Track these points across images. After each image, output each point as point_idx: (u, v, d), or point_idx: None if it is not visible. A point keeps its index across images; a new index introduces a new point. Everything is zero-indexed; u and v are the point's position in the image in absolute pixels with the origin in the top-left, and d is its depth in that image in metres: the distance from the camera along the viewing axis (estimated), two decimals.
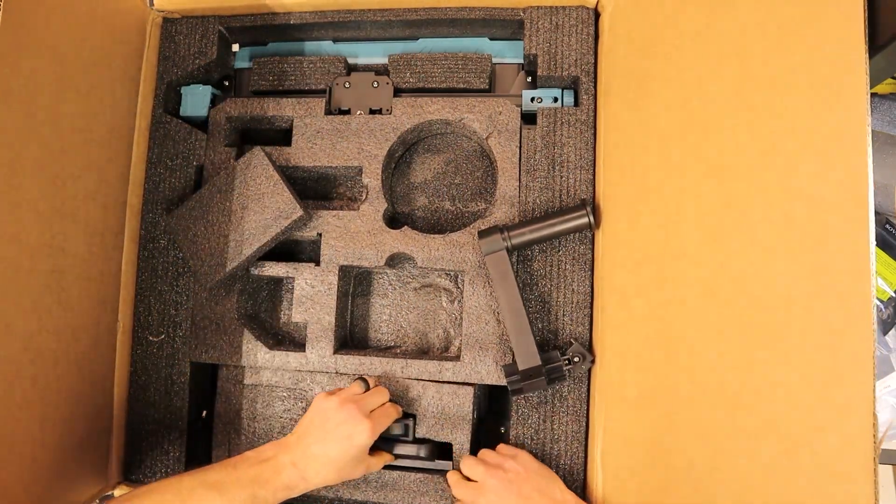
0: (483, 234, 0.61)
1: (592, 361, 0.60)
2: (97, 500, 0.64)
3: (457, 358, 0.65)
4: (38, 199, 0.58)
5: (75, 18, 0.61)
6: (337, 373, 0.65)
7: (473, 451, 0.62)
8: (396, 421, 0.61)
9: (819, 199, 0.42)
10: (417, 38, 0.73)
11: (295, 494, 0.54)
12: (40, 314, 0.58)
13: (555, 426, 0.61)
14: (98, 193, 0.65)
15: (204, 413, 0.70)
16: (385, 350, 0.70)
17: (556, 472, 0.60)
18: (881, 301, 0.60)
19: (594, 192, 0.64)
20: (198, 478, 0.51)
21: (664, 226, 0.53)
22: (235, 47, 0.76)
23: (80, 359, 0.63)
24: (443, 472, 0.62)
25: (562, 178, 0.64)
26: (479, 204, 0.71)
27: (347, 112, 0.70)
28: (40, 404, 0.58)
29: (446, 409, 0.63)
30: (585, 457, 0.61)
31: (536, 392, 0.62)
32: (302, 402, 0.66)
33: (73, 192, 0.61)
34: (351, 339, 0.71)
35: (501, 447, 0.61)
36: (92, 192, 0.64)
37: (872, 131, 0.52)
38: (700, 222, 0.49)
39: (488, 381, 0.63)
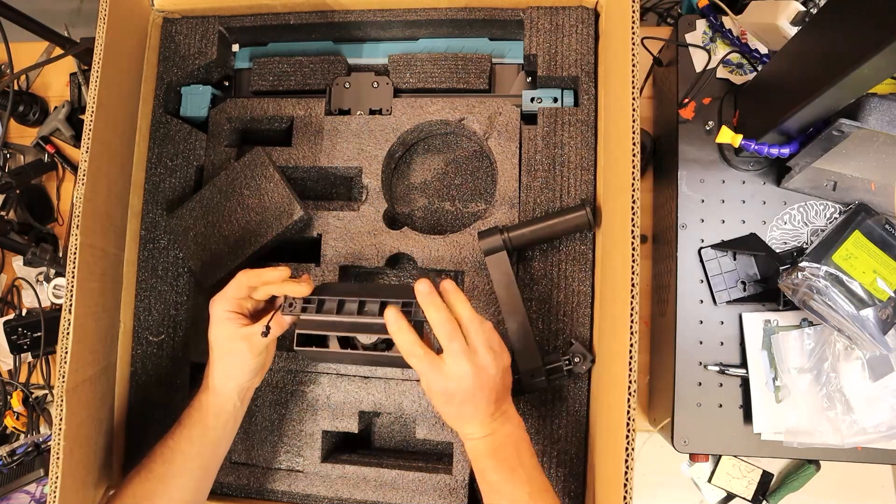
0: (483, 234, 0.61)
1: (593, 361, 0.60)
2: (106, 500, 0.64)
3: None
4: (103, 204, 0.61)
5: (123, 24, 0.64)
6: (338, 374, 0.65)
7: None
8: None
9: None
10: (417, 39, 0.73)
11: (211, 395, 0.56)
12: (96, 316, 0.61)
13: (555, 426, 0.61)
14: (122, 195, 0.67)
15: None
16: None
17: (557, 472, 0.60)
18: (881, 301, 0.60)
19: (594, 191, 0.64)
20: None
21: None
22: (235, 47, 0.76)
23: (106, 360, 0.64)
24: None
25: (562, 178, 0.64)
26: (479, 204, 0.71)
27: (347, 112, 0.70)
28: (93, 405, 0.60)
29: None
30: (585, 457, 0.61)
31: (537, 392, 0.62)
32: (302, 402, 0.66)
33: (113, 194, 0.64)
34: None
35: (469, 315, 0.50)
36: (119, 193, 0.66)
37: (873, 131, 0.52)
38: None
39: None
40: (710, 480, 0.79)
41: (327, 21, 0.71)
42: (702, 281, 0.67)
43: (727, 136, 0.61)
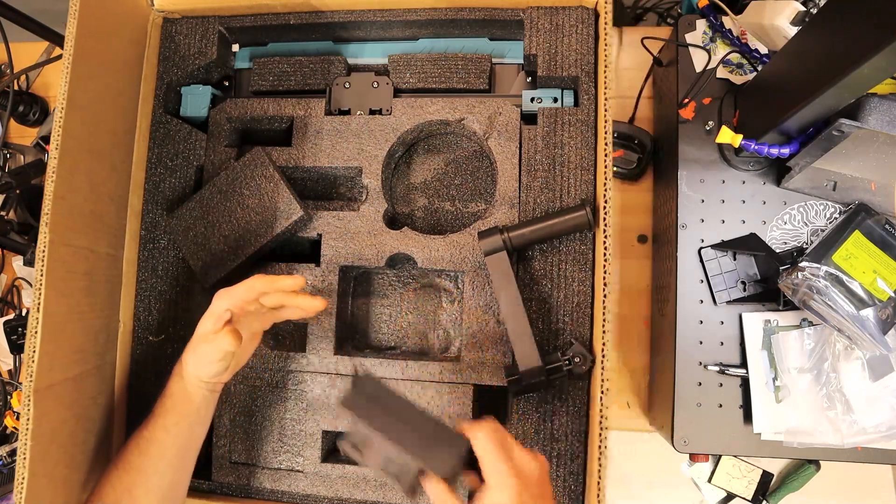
0: (483, 234, 0.61)
1: (593, 361, 0.60)
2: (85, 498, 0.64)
3: (457, 359, 0.65)
4: (84, 203, 0.60)
5: (112, 23, 0.64)
6: (337, 374, 0.65)
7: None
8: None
9: None
10: (417, 39, 0.73)
11: (180, 382, 0.56)
12: (81, 315, 0.60)
13: (555, 426, 0.61)
14: (115, 195, 0.67)
15: None
16: (385, 351, 0.70)
17: (557, 472, 0.60)
18: (881, 301, 0.60)
19: (594, 192, 0.64)
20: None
21: None
22: (235, 47, 0.76)
23: (99, 360, 0.64)
24: None
25: (562, 178, 0.64)
26: (479, 204, 0.71)
27: (347, 112, 0.70)
28: (78, 405, 0.60)
29: (446, 409, 0.63)
30: (585, 457, 0.61)
31: (537, 392, 0.62)
32: (302, 402, 0.66)
33: (103, 193, 0.64)
34: (351, 339, 0.71)
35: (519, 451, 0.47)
36: (112, 193, 0.66)
37: (873, 131, 0.52)
38: None
39: (488, 382, 0.63)
40: (710, 480, 0.79)
41: (327, 21, 0.71)
42: (702, 281, 0.67)
43: (727, 136, 0.61)
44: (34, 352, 0.54)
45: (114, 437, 0.66)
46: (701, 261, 0.67)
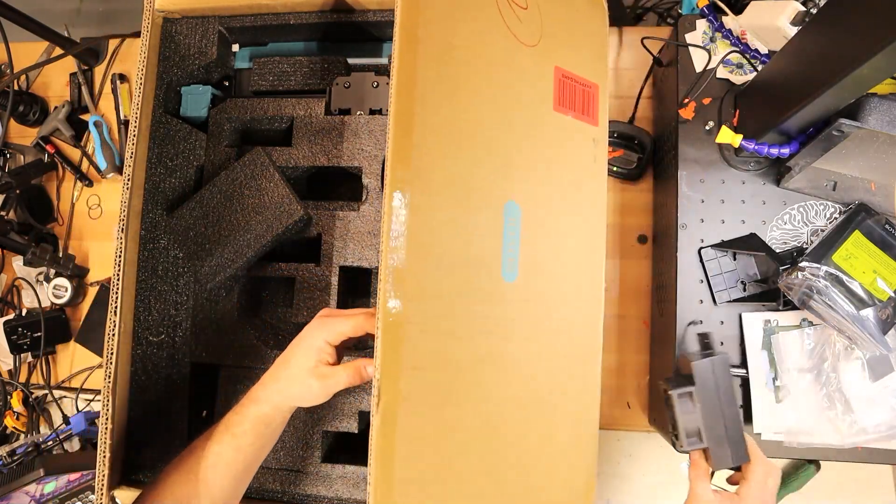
0: None
1: None
2: (109, 501, 0.64)
3: None
4: (132, 210, 0.65)
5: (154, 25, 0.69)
6: None
7: None
8: None
9: None
10: None
11: (265, 407, 0.54)
12: (120, 318, 0.63)
13: None
14: (133, 198, 0.67)
15: (204, 413, 0.70)
16: None
17: None
18: (881, 301, 0.60)
19: None
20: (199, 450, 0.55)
21: None
22: (235, 47, 0.76)
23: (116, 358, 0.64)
24: None
25: None
26: None
27: (347, 112, 0.70)
28: (114, 403, 0.62)
29: None
30: None
31: None
32: None
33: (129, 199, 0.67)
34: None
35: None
36: (126, 198, 0.67)
37: (873, 131, 0.52)
38: None
39: None
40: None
41: (327, 21, 0.71)
42: (702, 281, 0.67)
43: (727, 136, 0.61)
44: (112, 354, 0.58)
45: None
46: (701, 261, 0.67)
